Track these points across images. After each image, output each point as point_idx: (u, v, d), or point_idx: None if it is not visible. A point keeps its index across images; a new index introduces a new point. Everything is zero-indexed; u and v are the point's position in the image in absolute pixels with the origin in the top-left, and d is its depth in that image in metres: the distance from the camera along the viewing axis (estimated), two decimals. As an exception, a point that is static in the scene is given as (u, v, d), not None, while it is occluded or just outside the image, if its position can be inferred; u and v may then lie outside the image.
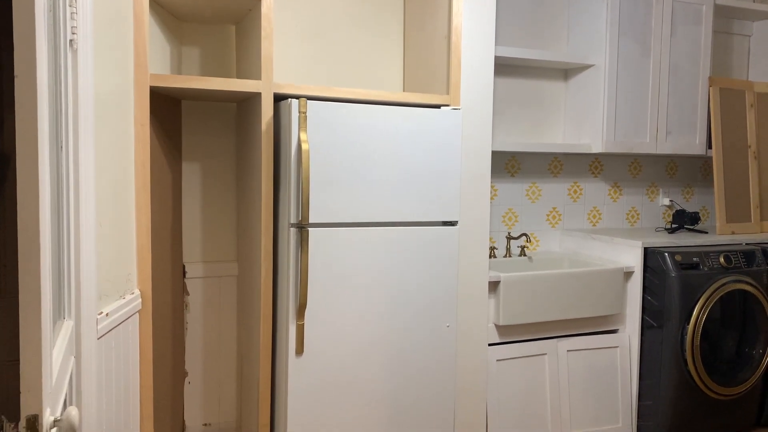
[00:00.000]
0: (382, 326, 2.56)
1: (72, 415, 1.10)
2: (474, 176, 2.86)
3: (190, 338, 2.94)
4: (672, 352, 3.11)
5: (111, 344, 1.98)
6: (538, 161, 3.61)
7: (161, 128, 2.57)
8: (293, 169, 2.38)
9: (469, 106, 2.83)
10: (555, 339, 3.14)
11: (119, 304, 2.05)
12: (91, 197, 1.73)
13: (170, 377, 2.73)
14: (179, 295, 2.85)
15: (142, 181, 2.29)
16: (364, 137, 2.48)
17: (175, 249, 2.79)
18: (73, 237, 1.62)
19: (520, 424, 3.03)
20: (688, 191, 4.12)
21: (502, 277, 2.92)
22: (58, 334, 1.40)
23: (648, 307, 3.20)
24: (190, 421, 2.96)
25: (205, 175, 2.93)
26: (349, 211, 2.48)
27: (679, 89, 3.57)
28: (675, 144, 3.59)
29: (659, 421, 3.16)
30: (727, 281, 3.17)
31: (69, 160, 1.58)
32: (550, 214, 3.68)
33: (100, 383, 1.87)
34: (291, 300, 2.42)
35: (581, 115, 3.51)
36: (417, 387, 2.65)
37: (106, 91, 1.96)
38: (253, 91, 2.44)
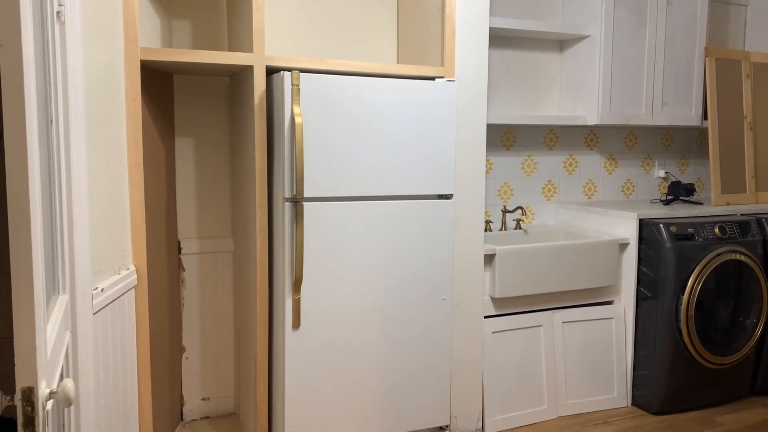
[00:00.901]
0: (378, 300, 2.57)
1: (68, 387, 1.10)
2: (469, 149, 2.85)
3: (186, 314, 2.95)
4: (667, 323, 3.13)
5: (107, 319, 1.98)
6: (533, 134, 3.60)
7: (153, 103, 2.54)
8: (287, 143, 2.36)
9: (464, 78, 2.80)
10: (550, 311, 3.15)
11: (114, 280, 2.04)
12: (83, 172, 1.71)
13: (168, 353, 2.74)
14: (175, 272, 2.85)
15: (135, 156, 2.27)
16: (359, 110, 2.46)
17: (170, 225, 2.78)
18: (66, 212, 1.61)
19: (515, 395, 3.06)
20: (683, 163, 4.11)
21: (498, 249, 2.92)
22: (52, 308, 1.40)
23: (643, 278, 3.22)
24: (189, 396, 2.98)
25: (198, 150, 2.91)
26: (344, 185, 2.47)
27: (675, 60, 3.55)
28: (670, 115, 3.57)
29: (654, 390, 3.19)
30: (722, 251, 3.19)
31: (59, 134, 1.56)
32: (546, 187, 3.68)
33: (97, 358, 1.87)
34: (287, 274, 2.42)
35: (576, 87, 3.49)
36: (413, 359, 2.66)
37: (95, 65, 1.94)
38: (245, 64, 2.41)
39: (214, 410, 3.03)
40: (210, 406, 3.03)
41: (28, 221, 1.01)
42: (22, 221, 1.02)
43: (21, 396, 1.01)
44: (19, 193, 1.01)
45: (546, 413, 3.12)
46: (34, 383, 1.01)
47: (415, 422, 2.69)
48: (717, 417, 3.20)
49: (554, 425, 3.07)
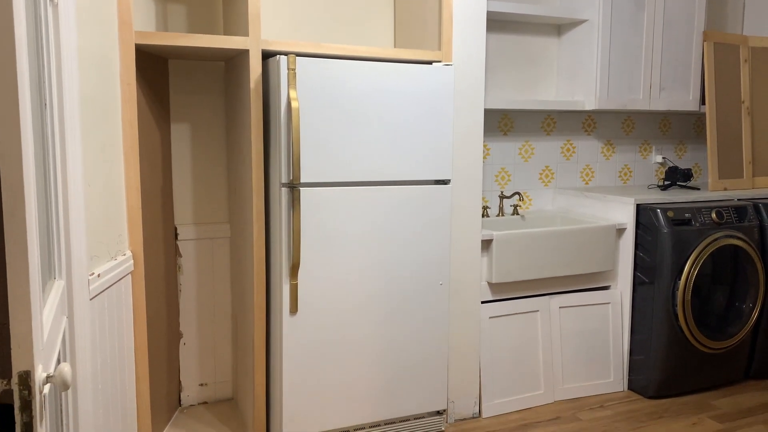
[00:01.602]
0: (376, 285, 2.57)
1: (65, 372, 1.09)
2: (466, 134, 2.84)
3: (184, 300, 2.95)
4: (663, 308, 3.14)
5: (104, 305, 1.98)
6: (531, 119, 3.58)
7: (148, 88, 2.52)
8: (283, 128, 2.35)
9: (462, 62, 2.79)
10: (547, 296, 3.16)
11: (111, 265, 2.04)
12: (78, 156, 1.70)
13: (165, 339, 2.74)
14: (172, 258, 2.84)
15: (131, 141, 2.26)
16: (355, 94, 2.44)
17: (167, 211, 2.77)
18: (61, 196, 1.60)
19: (512, 380, 3.07)
20: (681, 148, 4.11)
21: (495, 235, 2.92)
22: (49, 293, 1.39)
23: (640, 263, 3.22)
24: (186, 382, 2.99)
25: (194, 135, 2.89)
26: (340, 170, 2.46)
27: (673, 44, 3.54)
28: (668, 100, 3.56)
29: (650, 374, 3.20)
30: (719, 236, 3.19)
31: (54, 118, 1.55)
32: (543, 173, 3.67)
33: (94, 343, 1.87)
34: (284, 260, 2.41)
35: (574, 72, 3.48)
36: (410, 344, 2.67)
37: (89, 49, 1.92)
38: (241, 48, 2.39)
39: (211, 396, 3.04)
40: (208, 392, 3.03)
41: (23, 205, 1.00)
42: (16, 205, 1.01)
43: (17, 380, 1.00)
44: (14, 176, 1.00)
45: (543, 398, 3.13)
46: (31, 367, 1.01)
47: (412, 407, 2.71)
48: (712, 401, 3.22)
49: (551, 409, 3.08)
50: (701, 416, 3.04)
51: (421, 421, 2.75)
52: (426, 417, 2.76)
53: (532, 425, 2.92)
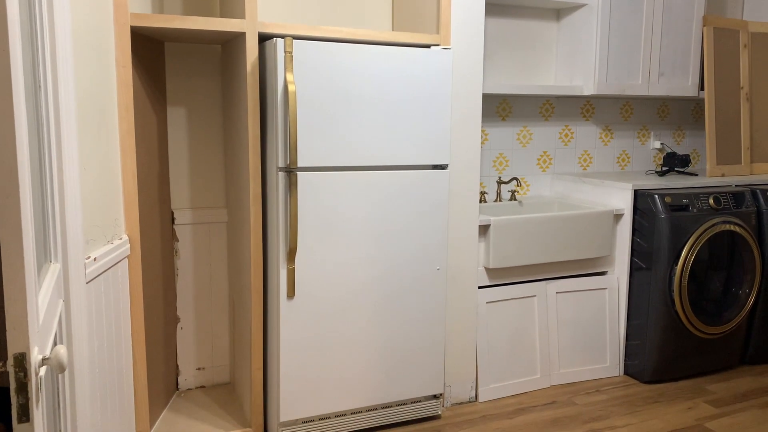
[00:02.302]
0: (373, 269, 2.57)
1: (60, 354, 1.09)
2: (464, 119, 2.83)
3: (181, 284, 2.94)
4: (660, 293, 3.14)
5: (100, 289, 1.98)
6: (529, 104, 3.57)
7: (144, 71, 2.50)
8: (280, 112, 2.34)
9: (460, 46, 2.77)
10: (544, 281, 3.16)
11: (107, 249, 2.03)
12: (73, 139, 1.69)
13: (162, 323, 2.74)
14: (168, 242, 2.84)
15: (127, 124, 2.25)
16: (353, 78, 2.43)
17: (163, 195, 2.76)
18: (57, 179, 1.59)
19: (509, 365, 3.08)
20: (679, 134, 4.10)
21: (492, 220, 2.91)
22: (44, 276, 1.39)
23: (637, 248, 3.23)
24: (184, 366, 2.99)
25: (191, 119, 2.88)
26: (338, 154, 2.45)
27: (673, 29, 3.52)
28: (667, 86, 3.55)
29: (646, 359, 3.22)
30: (716, 222, 3.19)
31: (48, 100, 1.54)
32: (541, 158, 3.66)
33: (91, 327, 1.87)
34: (281, 244, 2.41)
35: (573, 57, 3.46)
36: (407, 329, 2.67)
37: (84, 31, 1.90)
38: (237, 30, 2.37)
39: (209, 380, 3.05)
40: (205, 376, 3.04)
41: (17, 185, 1.00)
42: (10, 186, 1.00)
43: (13, 362, 1.00)
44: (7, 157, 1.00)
45: (539, 382, 3.15)
46: (26, 349, 1.01)
47: (409, 391, 2.72)
48: (707, 386, 3.24)
49: (547, 394, 3.10)
50: (696, 401, 3.06)
51: (417, 404, 2.76)
52: (423, 401, 2.77)
53: (528, 409, 2.93)
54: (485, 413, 2.89)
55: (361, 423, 2.66)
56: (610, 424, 2.80)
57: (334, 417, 2.61)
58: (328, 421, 2.60)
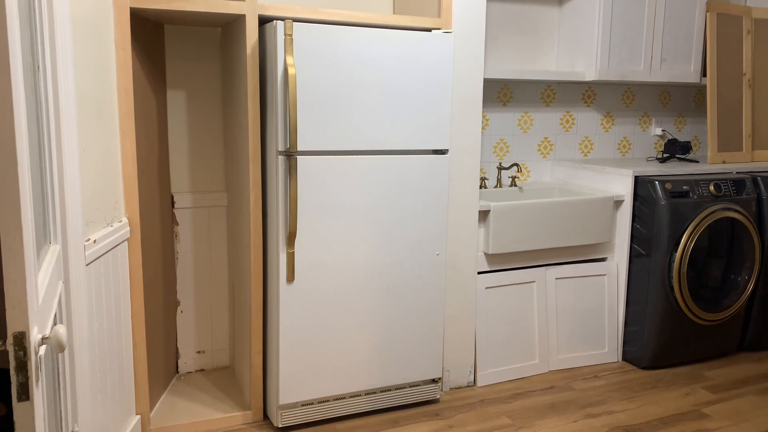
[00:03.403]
0: (372, 254, 2.57)
1: (60, 333, 1.10)
2: (465, 103, 2.82)
3: (180, 268, 2.95)
4: (659, 280, 3.15)
5: (100, 271, 1.98)
6: (530, 90, 3.56)
7: (144, 53, 2.49)
8: (280, 95, 2.33)
9: (461, 30, 2.75)
10: (543, 267, 3.17)
11: (107, 232, 2.03)
12: (72, 120, 1.69)
13: (162, 306, 2.75)
14: (168, 225, 2.84)
15: (126, 107, 2.24)
16: (353, 62, 2.42)
17: (163, 178, 2.76)
18: (56, 161, 1.59)
19: (507, 350, 3.09)
20: (680, 121, 4.09)
21: (492, 206, 2.91)
22: (44, 257, 1.39)
23: (637, 235, 3.23)
24: (184, 349, 3.01)
25: (191, 103, 2.87)
26: (338, 138, 2.44)
27: (676, 15, 3.49)
28: (669, 72, 3.53)
29: (644, 345, 3.23)
30: (716, 209, 3.19)
31: (47, 82, 1.53)
32: (542, 144, 3.66)
33: (91, 309, 1.88)
34: (281, 229, 2.41)
35: (575, 42, 3.44)
36: (406, 313, 2.68)
37: (83, 12, 1.89)
38: (237, 13, 2.36)
39: (209, 363, 3.07)
40: (205, 359, 3.06)
41: (15, 165, 1.00)
42: (9, 166, 1.00)
43: (13, 341, 1.01)
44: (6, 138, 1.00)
45: (537, 367, 3.16)
46: (26, 328, 1.01)
47: (408, 375, 2.73)
48: (705, 372, 3.25)
49: (545, 379, 3.12)
50: (694, 386, 3.08)
51: (416, 388, 2.77)
52: (421, 385, 2.78)
53: (526, 394, 2.95)
54: (483, 397, 2.91)
55: (360, 406, 2.68)
56: (608, 409, 2.82)
57: (333, 400, 2.63)
58: (327, 405, 2.62)
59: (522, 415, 2.75)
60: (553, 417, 2.74)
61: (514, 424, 2.68)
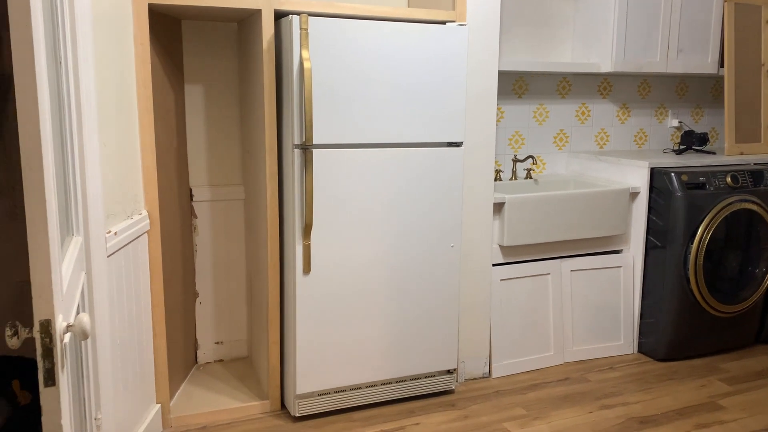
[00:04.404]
0: (388, 246, 2.60)
1: (84, 321, 1.13)
2: (480, 96, 2.83)
3: (199, 260, 3.00)
4: (675, 272, 3.14)
5: (121, 263, 2.03)
6: (545, 82, 3.55)
7: (162, 49, 2.53)
8: (296, 89, 2.36)
9: (476, 22, 2.76)
10: (559, 259, 3.17)
11: (127, 224, 2.08)
12: (93, 115, 1.73)
13: (181, 297, 2.80)
14: (187, 218, 2.89)
15: (145, 102, 2.28)
16: (368, 55, 2.44)
17: (181, 172, 2.80)
18: (78, 155, 1.63)
19: (523, 341, 3.11)
20: (697, 112, 4.06)
21: (507, 198, 2.92)
22: (67, 247, 1.43)
23: (653, 227, 3.22)
24: (203, 340, 3.06)
25: (208, 97, 2.91)
26: (353, 131, 2.46)
27: (693, 4, 3.46)
28: (686, 63, 3.51)
29: (660, 338, 3.23)
30: (733, 201, 3.17)
31: (69, 76, 1.57)
32: (557, 137, 3.65)
33: (112, 299, 1.92)
34: (297, 221, 2.44)
35: (590, 34, 3.43)
36: (421, 305, 2.70)
37: (103, 9, 1.93)
38: (253, 8, 2.39)
39: (227, 353, 3.11)
40: (223, 350, 3.10)
41: (40, 159, 1.03)
42: (34, 160, 1.04)
43: (39, 328, 1.04)
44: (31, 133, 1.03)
45: (552, 359, 3.17)
46: (51, 316, 1.05)
47: (423, 366, 2.76)
48: (721, 364, 3.24)
49: (560, 371, 3.13)
50: (710, 378, 3.07)
51: (431, 379, 2.80)
52: (437, 376, 2.81)
53: (541, 385, 2.96)
54: (498, 388, 2.93)
55: (376, 396, 2.71)
56: (623, 401, 2.83)
57: (349, 390, 2.66)
58: (344, 394, 2.65)
59: (537, 406, 2.77)
60: (568, 408, 2.76)
61: (529, 414, 2.70)
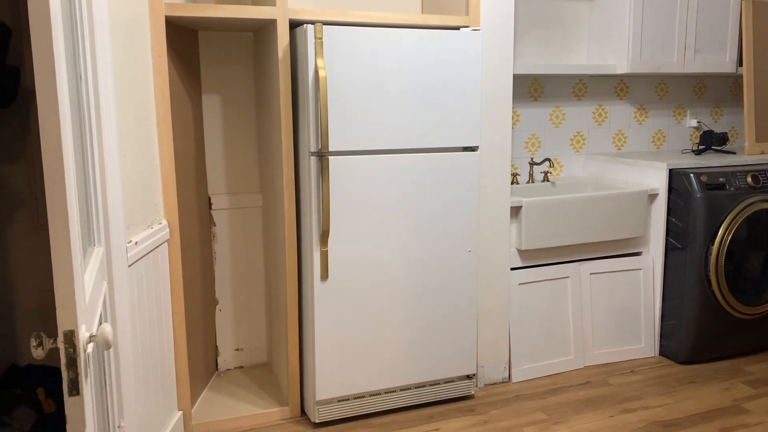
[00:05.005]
0: (404, 251, 2.60)
1: (106, 331, 1.15)
2: (495, 100, 2.82)
3: (219, 268, 3.02)
4: (696, 273, 3.11)
5: (142, 272, 2.05)
6: (561, 84, 3.54)
7: (179, 60, 2.56)
8: (311, 97, 2.37)
9: (490, 27, 2.76)
10: (577, 262, 3.15)
11: (147, 234, 2.10)
12: (112, 127, 1.75)
13: (201, 305, 2.82)
14: (206, 226, 2.91)
15: (163, 112, 2.31)
16: (382, 62, 2.45)
17: (200, 181, 2.83)
18: (98, 166, 1.65)
19: (542, 345, 3.09)
20: (716, 112, 4.02)
21: (524, 201, 2.91)
22: (89, 258, 1.46)
23: (672, 228, 3.19)
24: (223, 347, 3.08)
25: (225, 106, 2.94)
26: (368, 138, 2.48)
27: (709, 3, 3.43)
28: (704, 62, 3.48)
29: (682, 340, 3.19)
30: (754, 201, 3.13)
31: (89, 90, 1.60)
32: (574, 139, 3.63)
33: (133, 308, 1.95)
34: (314, 228, 2.46)
35: (606, 35, 3.41)
36: (440, 310, 2.70)
37: (121, 22, 1.96)
38: (268, 18, 2.41)
39: (247, 360, 3.13)
40: (243, 356, 3.13)
41: (62, 173, 1.05)
42: (56, 173, 1.06)
43: (63, 338, 1.06)
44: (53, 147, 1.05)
45: (573, 363, 3.15)
46: (75, 326, 1.07)
47: (442, 371, 2.75)
48: (745, 366, 3.20)
49: (581, 374, 3.11)
50: (733, 381, 3.03)
51: (451, 384, 2.80)
52: (456, 381, 2.80)
53: (561, 390, 2.95)
54: (518, 393, 2.91)
55: (395, 402, 2.71)
56: (645, 404, 2.80)
57: (368, 396, 2.67)
58: (363, 400, 2.66)
59: (557, 411, 2.75)
60: (589, 412, 2.74)
61: (549, 419, 2.68)
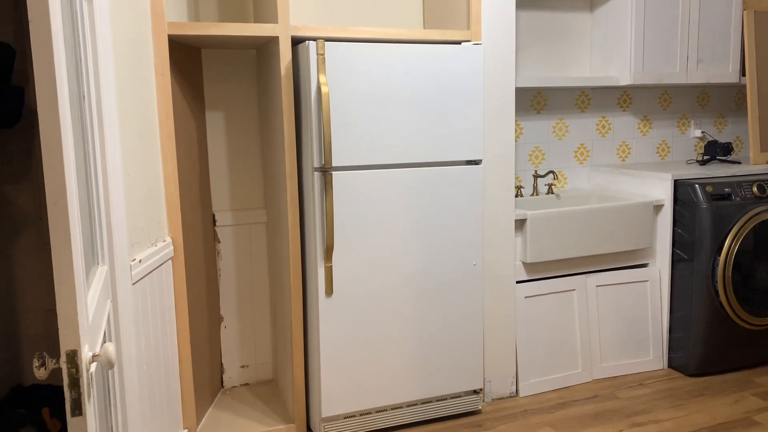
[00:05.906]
0: (409, 266, 2.59)
1: (109, 351, 1.15)
2: (497, 113, 2.83)
3: (223, 284, 3.02)
4: (703, 284, 3.09)
5: (146, 290, 2.05)
6: (564, 97, 3.54)
7: (182, 78, 2.58)
8: (314, 113, 2.38)
9: (491, 41, 2.77)
10: (584, 275, 3.14)
11: (151, 251, 2.10)
12: (116, 146, 1.76)
13: (206, 322, 2.81)
14: (210, 243, 2.91)
15: (167, 130, 2.32)
16: (385, 77, 2.45)
17: (204, 198, 2.83)
18: (102, 185, 1.66)
19: (549, 358, 3.07)
20: (720, 122, 4.01)
21: (529, 214, 2.91)
22: (92, 277, 1.46)
23: (678, 239, 3.17)
24: (228, 364, 3.07)
25: (229, 123, 2.95)
26: (371, 153, 2.48)
27: (711, 14, 3.44)
28: (707, 73, 3.48)
29: (690, 352, 3.16)
30: (761, 211, 3.12)
31: (92, 110, 1.60)
32: (578, 151, 3.63)
33: (138, 326, 1.94)
34: (318, 243, 2.45)
35: (608, 47, 3.42)
36: (445, 325, 2.69)
37: (124, 41, 1.97)
38: (271, 35, 2.42)
39: (252, 377, 3.12)
40: (249, 373, 3.11)
41: (65, 194, 1.05)
42: (58, 193, 1.06)
43: (66, 358, 1.06)
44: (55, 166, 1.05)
45: (580, 376, 3.13)
46: (77, 346, 1.06)
47: (449, 386, 2.73)
48: (755, 378, 3.16)
49: (589, 388, 3.08)
50: (744, 393, 3.00)
51: (458, 400, 2.77)
52: (463, 396, 2.78)
53: (569, 404, 2.92)
54: (526, 408, 2.89)
55: (402, 418, 2.69)
56: (654, 418, 2.77)
57: (375, 412, 2.65)
58: (369, 417, 2.64)
59: (566, 425, 2.72)
60: (597, 427, 2.71)
61: (557, 434, 2.66)
